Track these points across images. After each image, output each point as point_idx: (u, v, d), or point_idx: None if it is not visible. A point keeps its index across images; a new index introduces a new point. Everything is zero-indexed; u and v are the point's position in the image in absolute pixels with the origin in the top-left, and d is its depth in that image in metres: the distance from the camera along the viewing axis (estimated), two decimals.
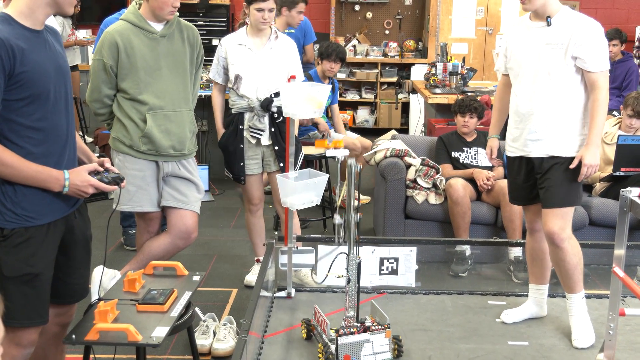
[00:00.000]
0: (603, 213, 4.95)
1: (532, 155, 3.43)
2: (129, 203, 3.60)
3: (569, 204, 3.38)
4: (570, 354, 3.32)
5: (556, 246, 3.37)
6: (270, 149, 4.27)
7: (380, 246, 4.08)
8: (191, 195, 3.71)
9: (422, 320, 3.69)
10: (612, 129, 5.35)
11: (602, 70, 3.28)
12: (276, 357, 3.27)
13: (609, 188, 5.13)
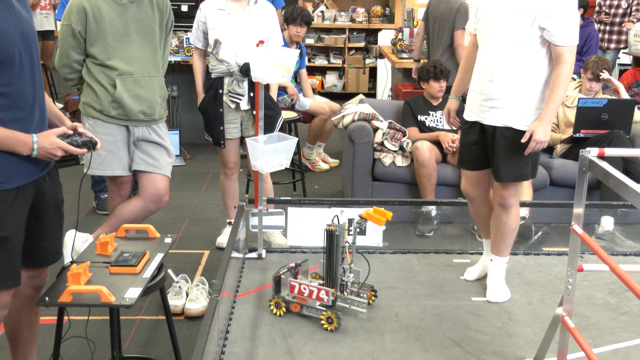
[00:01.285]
0: (563, 174, 5.01)
1: (486, 123, 3.30)
2: (100, 167, 3.56)
3: (521, 178, 3.32)
4: (531, 309, 3.38)
5: (504, 209, 3.38)
6: (249, 113, 4.24)
7: (349, 207, 4.09)
8: (162, 159, 3.68)
9: (389, 279, 3.72)
10: (573, 92, 5.40)
11: (570, 45, 3.11)
12: (248, 315, 3.28)
13: (569, 149, 5.19)
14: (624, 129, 4.98)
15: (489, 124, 3.29)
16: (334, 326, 3.06)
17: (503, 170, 3.29)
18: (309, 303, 3.16)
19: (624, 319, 3.32)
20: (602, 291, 3.61)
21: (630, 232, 4.68)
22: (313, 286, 3.13)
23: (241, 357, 2.91)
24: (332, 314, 3.06)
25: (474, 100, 3.35)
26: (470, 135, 3.42)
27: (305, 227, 4.07)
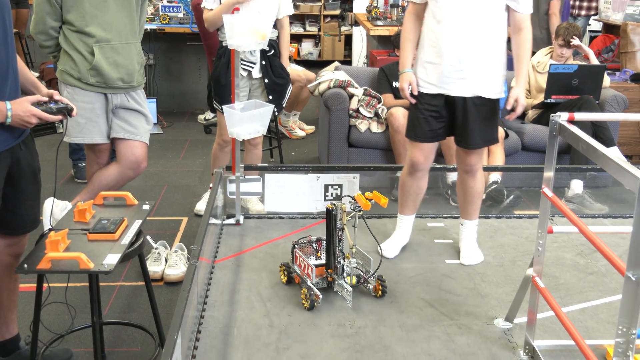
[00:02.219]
0: (535, 138, 5.04)
1: (453, 94, 3.22)
2: (79, 135, 3.52)
3: (490, 143, 3.35)
4: (502, 270, 3.42)
5: (471, 175, 3.38)
6: (260, 81, 4.18)
7: (325, 173, 4.09)
8: (140, 126, 3.64)
9: (364, 243, 3.73)
10: (544, 59, 5.41)
11: (530, 12, 3.21)
12: (226, 280, 3.28)
13: (540, 115, 5.21)
14: (594, 95, 5.01)
15: (458, 95, 3.23)
16: (307, 305, 2.96)
17: (475, 138, 3.28)
18: (304, 278, 3.08)
19: (592, 278, 3.37)
20: (571, 252, 3.65)
21: (599, 195, 4.74)
22: (307, 262, 3.04)
23: (220, 320, 2.92)
24: (308, 293, 2.96)
25: (434, 72, 3.24)
26: (430, 107, 3.30)
27: (283, 194, 4.07)
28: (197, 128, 6.76)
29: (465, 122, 3.26)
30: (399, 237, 3.64)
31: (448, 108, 3.29)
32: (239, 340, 2.76)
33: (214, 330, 2.84)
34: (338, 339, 2.78)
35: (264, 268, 3.41)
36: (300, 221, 4.03)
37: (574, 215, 2.34)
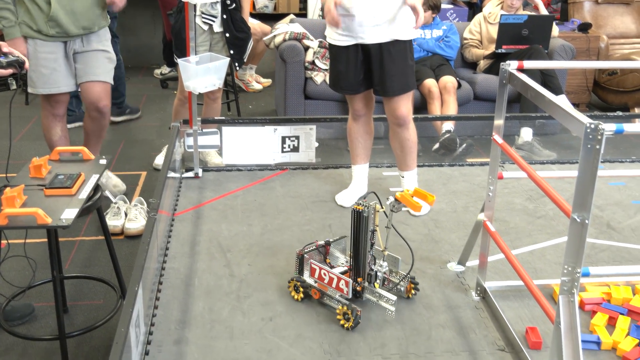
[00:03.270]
0: (486, 88, 5.07)
1: (368, 42, 3.20)
2: (45, 86, 3.45)
3: (412, 87, 3.33)
4: (455, 216, 3.47)
5: (403, 127, 3.39)
6: (220, 35, 4.09)
7: (282, 125, 4.07)
8: (102, 66, 3.60)
9: (322, 193, 3.75)
10: (495, 9, 5.41)
11: None
12: (186, 232, 3.26)
13: (491, 65, 5.24)
14: (543, 44, 5.05)
15: (373, 42, 3.20)
16: (350, 324, 2.49)
17: (392, 84, 3.26)
18: (329, 292, 2.62)
19: (540, 222, 3.44)
20: (521, 197, 3.72)
21: (548, 142, 4.81)
22: (334, 273, 2.58)
23: (181, 272, 2.91)
24: (348, 310, 2.50)
25: (348, 24, 3.18)
26: (349, 59, 3.28)
27: (240, 146, 4.04)
28: (154, 83, 6.63)
29: (382, 69, 3.24)
30: (354, 187, 3.66)
31: (365, 57, 3.27)
32: (200, 291, 2.77)
33: (175, 281, 2.84)
34: None
35: (223, 220, 3.40)
36: (258, 173, 4.01)
37: (523, 161, 2.38)
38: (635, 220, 3.48)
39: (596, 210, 3.56)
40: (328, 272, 2.59)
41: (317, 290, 2.65)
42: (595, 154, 1.78)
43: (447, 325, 2.56)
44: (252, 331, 2.50)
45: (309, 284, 2.67)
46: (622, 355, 2.39)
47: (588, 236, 3.18)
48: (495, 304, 2.63)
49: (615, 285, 2.80)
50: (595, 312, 2.62)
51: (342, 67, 3.33)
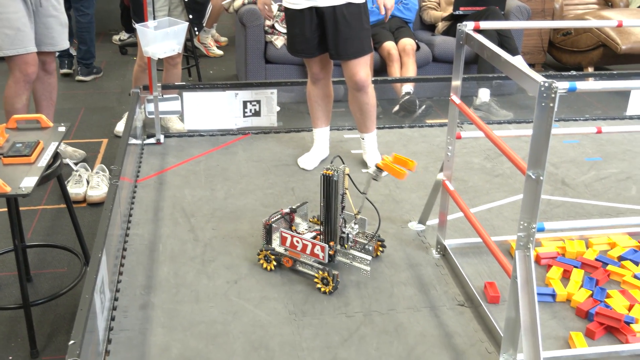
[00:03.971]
0: (445, 50, 5.07)
1: (321, 5, 3.18)
2: (12, 47, 3.36)
3: (368, 50, 3.31)
4: (416, 176, 3.49)
5: (362, 91, 3.37)
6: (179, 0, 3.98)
7: (243, 90, 4.02)
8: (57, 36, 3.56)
9: (284, 157, 3.73)
10: None
11: None
12: (149, 199, 3.23)
13: (449, 27, 5.23)
14: (499, 5, 5.05)
15: (327, 5, 3.18)
16: (329, 288, 2.49)
17: (347, 47, 3.25)
18: (302, 258, 2.60)
19: (498, 180, 3.48)
20: (479, 157, 3.76)
21: (505, 102, 4.85)
22: (308, 240, 2.56)
23: (145, 238, 2.89)
24: (327, 275, 2.49)
25: None
26: (304, 23, 3.25)
27: (202, 111, 3.99)
28: (113, 49, 6.48)
29: (337, 32, 3.22)
30: (316, 150, 3.65)
31: (320, 20, 3.24)
32: (165, 256, 2.75)
33: (139, 247, 2.82)
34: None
35: (186, 185, 3.37)
36: (220, 138, 3.98)
37: (480, 121, 2.39)
38: (589, 176, 3.55)
39: (551, 168, 3.62)
40: (301, 239, 2.56)
41: (290, 258, 2.62)
42: (549, 112, 1.80)
43: (408, 283, 2.59)
44: (217, 294, 2.50)
45: (280, 253, 2.63)
46: (575, 306, 2.45)
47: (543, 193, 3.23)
48: (455, 261, 2.67)
49: (570, 239, 2.86)
50: (551, 266, 2.68)
51: (297, 30, 3.29)
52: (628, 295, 2.49)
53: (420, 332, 2.31)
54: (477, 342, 2.27)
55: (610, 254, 2.78)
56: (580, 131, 2.83)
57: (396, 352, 2.22)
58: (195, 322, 2.34)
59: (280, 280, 2.59)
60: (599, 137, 4.03)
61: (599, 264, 2.68)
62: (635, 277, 2.60)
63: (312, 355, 2.19)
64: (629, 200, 3.29)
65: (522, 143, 3.78)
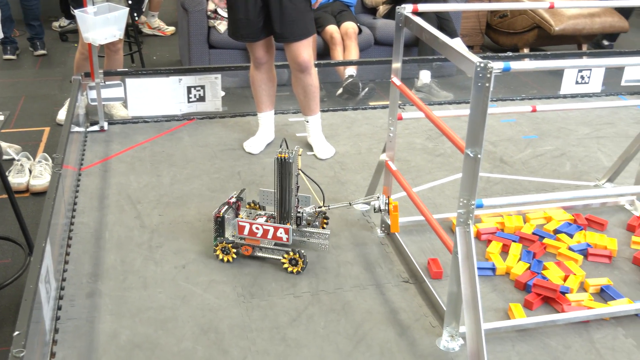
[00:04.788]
0: (386, 33, 5.09)
1: None
2: None
3: (312, 32, 3.31)
4: (360, 158, 3.51)
5: (306, 73, 3.37)
6: None
7: (187, 75, 3.97)
8: None
9: (230, 141, 3.71)
10: None
11: None
12: (94, 186, 3.17)
13: (390, 10, 5.25)
14: None
15: None
16: (299, 268, 2.51)
17: (292, 29, 3.23)
18: (263, 243, 2.58)
19: (439, 160, 3.53)
20: (421, 137, 3.80)
21: (445, 84, 4.90)
22: (268, 225, 2.53)
23: (91, 226, 2.83)
24: (296, 255, 2.50)
25: None
26: (247, 6, 3.22)
27: (146, 97, 3.92)
28: (52, 36, 6.30)
29: (282, 14, 3.20)
30: (262, 134, 3.64)
31: (264, 3, 3.22)
32: (112, 243, 2.71)
33: (85, 235, 2.76)
34: (209, 234, 2.78)
35: (132, 172, 3.32)
36: (165, 124, 3.92)
37: (420, 102, 2.42)
38: (525, 154, 3.63)
39: (490, 146, 3.68)
40: (261, 225, 2.53)
41: (249, 246, 2.59)
42: (485, 91, 1.83)
43: (354, 262, 2.61)
44: (165, 280, 2.48)
45: (237, 242, 2.59)
46: (514, 278, 2.51)
47: (483, 171, 3.29)
48: (399, 239, 2.70)
49: (508, 215, 2.92)
50: (491, 241, 2.74)
51: (241, 14, 3.26)
52: (563, 266, 2.57)
53: (366, 310, 2.34)
54: (422, 317, 2.31)
55: (546, 227, 2.86)
56: (516, 110, 2.89)
57: (343, 329, 2.24)
58: (144, 308, 2.32)
59: (228, 264, 2.58)
60: (534, 116, 4.12)
61: (535, 237, 2.76)
62: (569, 249, 2.68)
63: (261, 336, 2.20)
64: (564, 175, 3.38)
65: (462, 123, 3.84)
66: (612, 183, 3.25)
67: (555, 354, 2.15)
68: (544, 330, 2.26)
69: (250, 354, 2.11)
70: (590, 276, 2.55)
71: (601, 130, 3.96)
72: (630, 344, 2.20)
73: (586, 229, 2.87)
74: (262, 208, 2.81)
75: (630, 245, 2.77)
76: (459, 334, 2.17)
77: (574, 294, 2.41)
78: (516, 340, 2.21)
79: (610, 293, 2.42)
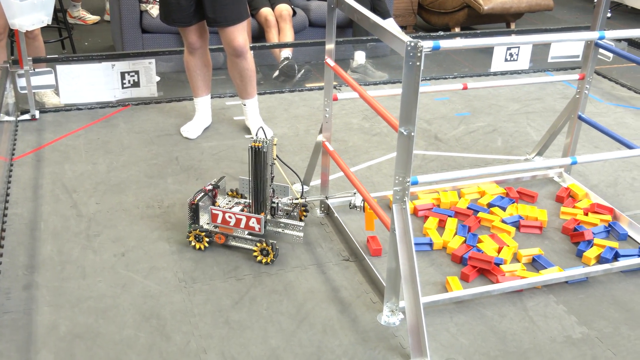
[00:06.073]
0: (320, 14, 5.08)
1: None
2: None
3: (246, 16, 3.29)
4: (298, 140, 3.51)
5: (243, 58, 3.34)
6: None
7: (120, 61, 3.87)
8: None
9: (166, 127, 3.64)
10: None
11: None
12: (27, 177, 3.07)
13: None
14: None
15: None
16: (270, 258, 2.47)
17: (225, 13, 3.20)
18: (236, 232, 2.53)
19: (376, 139, 3.56)
20: (357, 117, 3.82)
21: (380, 64, 4.93)
22: (241, 214, 2.49)
23: (25, 217, 2.74)
24: (267, 246, 2.46)
25: None
26: None
27: (78, 84, 3.81)
28: None
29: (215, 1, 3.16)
30: (199, 119, 3.59)
31: None
32: (47, 234, 2.63)
33: (19, 227, 2.67)
34: (148, 220, 2.74)
35: (66, 160, 3.22)
36: (99, 111, 3.82)
37: (354, 82, 2.42)
38: (459, 131, 3.69)
39: (424, 124, 3.73)
40: (234, 214, 2.49)
41: (222, 235, 2.54)
42: (416, 70, 1.84)
43: (295, 242, 2.61)
44: (104, 268, 2.43)
45: (210, 230, 2.54)
46: (451, 252, 2.56)
47: (418, 148, 3.33)
48: (338, 219, 2.71)
49: (444, 191, 2.97)
50: (427, 217, 2.78)
51: (171, 1, 3.19)
52: (497, 238, 2.63)
53: (308, 289, 2.35)
54: (362, 293, 2.34)
55: (480, 202, 2.92)
56: (449, 88, 2.93)
57: (286, 309, 2.24)
58: (83, 298, 2.27)
59: (169, 250, 2.54)
60: (466, 93, 4.19)
61: (470, 212, 2.81)
62: (503, 222, 2.75)
63: (203, 320, 2.18)
64: (496, 151, 3.46)
65: (397, 102, 3.85)
66: (541, 157, 3.34)
67: (491, 323, 2.20)
68: (480, 300, 2.31)
69: (194, 339, 2.09)
70: (523, 247, 2.62)
71: (530, 106, 4.06)
72: (562, 310, 2.28)
73: (518, 201, 2.95)
74: (243, 197, 2.76)
75: (560, 215, 2.86)
76: (399, 309, 2.20)
77: (508, 265, 2.48)
78: (454, 311, 2.26)
79: (542, 262, 2.50)
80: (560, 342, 2.14)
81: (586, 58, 2.90)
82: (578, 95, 2.98)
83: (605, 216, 2.82)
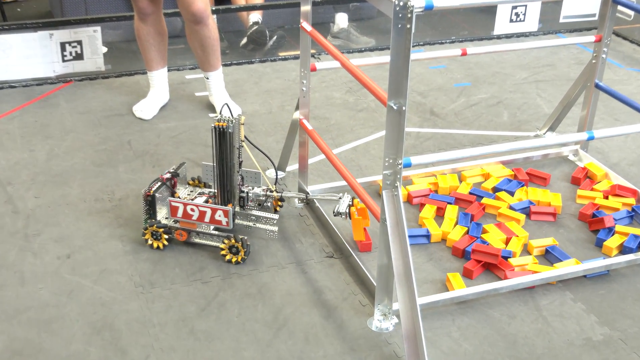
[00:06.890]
0: None
1: None
2: None
3: None
4: (271, 118, 3.50)
5: (203, 24, 3.33)
6: None
7: (59, 29, 3.85)
8: None
9: (116, 106, 3.63)
10: None
11: None
12: None
13: None
14: None
15: None
16: (241, 257, 2.46)
17: None
18: (200, 228, 2.51)
19: (362, 115, 3.56)
20: (340, 90, 3.82)
21: (365, 28, 4.92)
22: (205, 206, 2.46)
23: None
24: (236, 242, 2.44)
25: None
26: None
27: (10, 58, 3.78)
28: None
29: None
30: (154, 96, 3.57)
31: None
32: None
33: None
34: (97, 216, 2.72)
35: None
36: (36, 88, 3.79)
37: (335, 49, 2.42)
38: (458, 104, 3.71)
39: (418, 97, 3.74)
40: (197, 206, 2.45)
41: (183, 231, 2.51)
42: (406, 34, 1.85)
43: (270, 238, 2.61)
44: (47, 273, 2.42)
45: (170, 226, 2.51)
46: (451, 245, 2.58)
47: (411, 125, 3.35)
48: (320, 209, 2.72)
49: (442, 174, 2.99)
50: (424, 205, 2.79)
51: None
52: (504, 228, 2.65)
53: (286, 291, 2.35)
54: (350, 295, 2.35)
55: (484, 185, 2.94)
56: (446, 55, 2.94)
57: (261, 316, 2.24)
58: (23, 309, 2.25)
59: (122, 249, 2.54)
60: (466, 61, 4.20)
61: (473, 197, 2.83)
62: (510, 208, 2.77)
63: (165, 330, 2.18)
64: (501, 126, 3.48)
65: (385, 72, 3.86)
66: (553, 132, 3.36)
67: (499, 325, 2.22)
68: (486, 300, 2.33)
69: (154, 352, 2.09)
70: (534, 237, 2.65)
71: (540, 74, 4.08)
72: (580, 309, 2.30)
73: (528, 184, 2.97)
74: (207, 186, 2.75)
75: (576, 200, 2.89)
76: (392, 312, 2.21)
77: (517, 258, 2.50)
78: (456, 313, 2.28)
79: (556, 254, 2.52)
80: (579, 345, 2.16)
81: (603, 17, 2.92)
82: (595, 61, 3.00)
83: (628, 199, 2.85)
